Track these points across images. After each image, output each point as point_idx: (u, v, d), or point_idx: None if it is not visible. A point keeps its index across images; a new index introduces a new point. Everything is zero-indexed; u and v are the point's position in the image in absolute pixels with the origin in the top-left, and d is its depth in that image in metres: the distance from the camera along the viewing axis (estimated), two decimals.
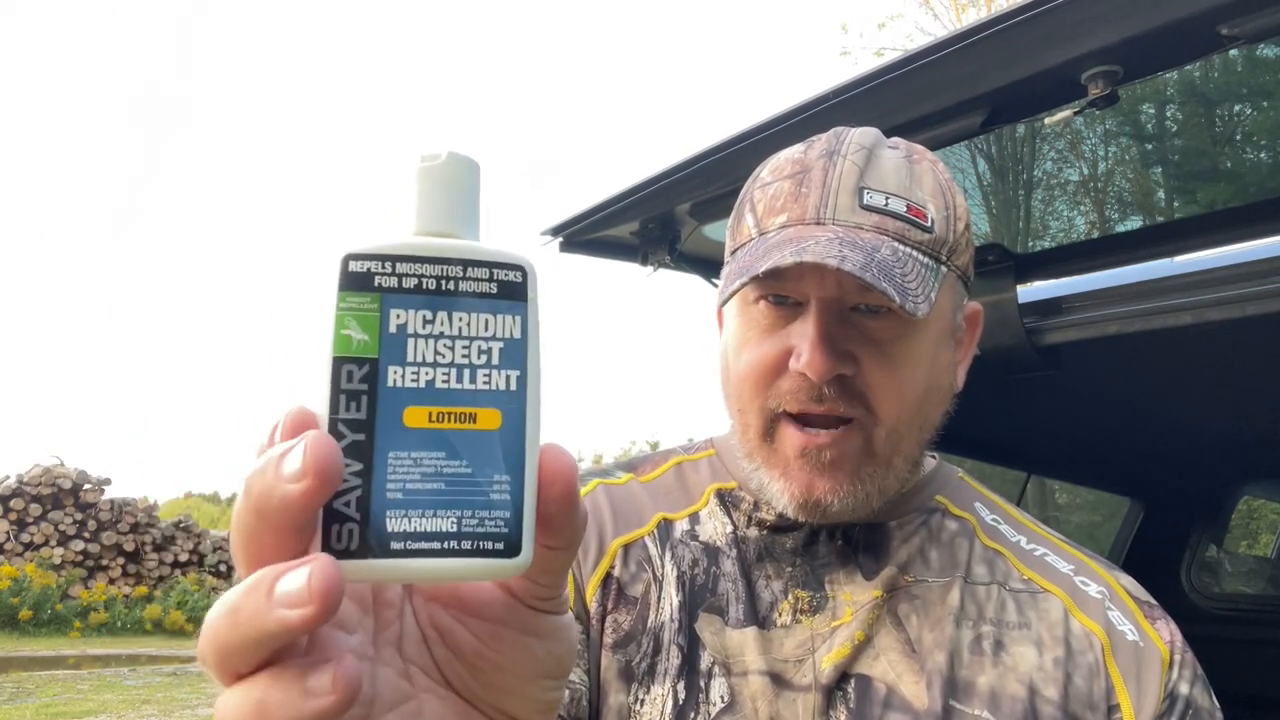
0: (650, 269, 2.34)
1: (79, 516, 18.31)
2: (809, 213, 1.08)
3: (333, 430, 0.47)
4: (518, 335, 0.51)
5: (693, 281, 2.43)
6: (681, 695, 1.08)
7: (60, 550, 18.06)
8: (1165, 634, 1.14)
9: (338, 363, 0.48)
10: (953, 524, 1.21)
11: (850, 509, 1.10)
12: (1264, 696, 3.28)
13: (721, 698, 1.08)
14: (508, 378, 0.50)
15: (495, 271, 0.51)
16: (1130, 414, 3.00)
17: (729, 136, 1.80)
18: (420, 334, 0.50)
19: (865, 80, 1.58)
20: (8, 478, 18.15)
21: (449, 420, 0.49)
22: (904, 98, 1.61)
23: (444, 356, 0.50)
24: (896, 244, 1.06)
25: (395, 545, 0.47)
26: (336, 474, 0.46)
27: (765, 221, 1.11)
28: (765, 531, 1.18)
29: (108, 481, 18.79)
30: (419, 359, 0.49)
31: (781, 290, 1.09)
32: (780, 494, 1.11)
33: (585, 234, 2.25)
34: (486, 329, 0.51)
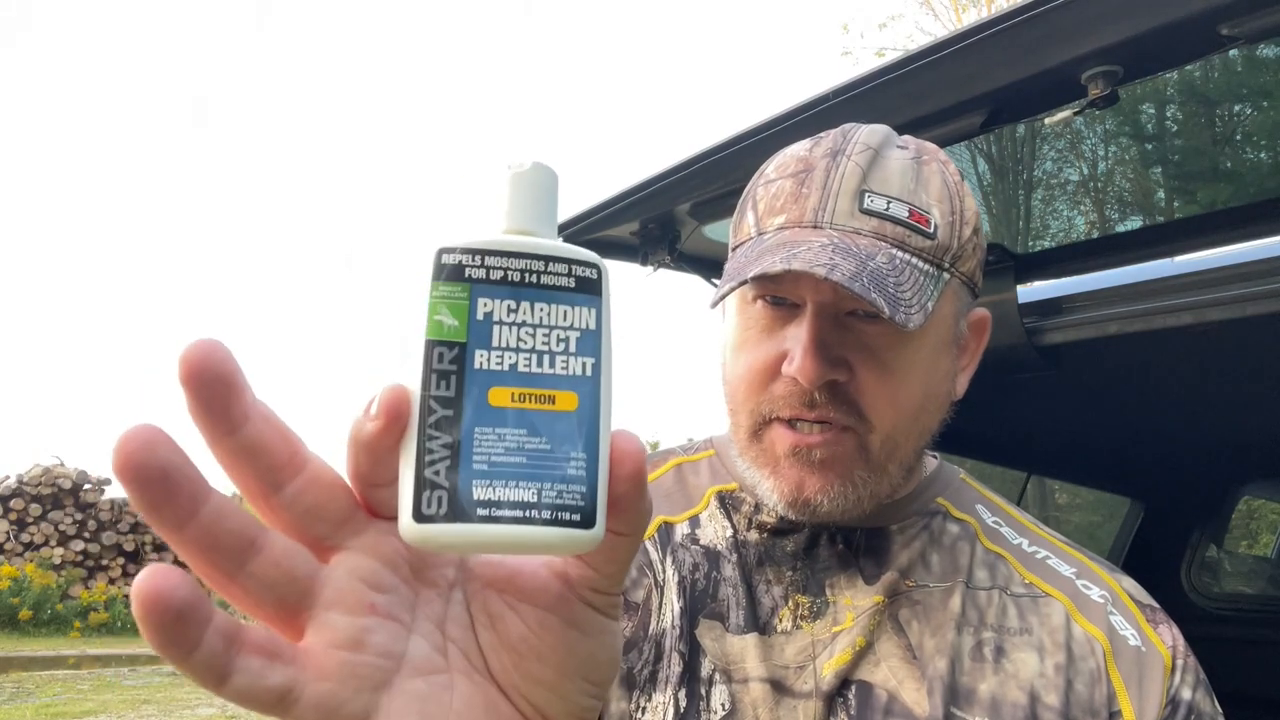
0: (650, 269, 2.34)
1: (79, 516, 18.29)
2: (807, 215, 1.07)
3: (424, 406, 0.52)
4: (593, 326, 0.55)
5: (693, 281, 2.43)
6: (683, 703, 1.08)
7: (60, 550, 18.04)
8: (1167, 638, 1.13)
9: (430, 345, 0.52)
10: (954, 527, 1.21)
11: (841, 510, 1.09)
12: (1264, 697, 3.28)
13: (722, 705, 1.08)
14: (584, 364, 0.55)
15: (573, 267, 0.56)
16: (1130, 414, 3.00)
17: (729, 136, 1.80)
18: (505, 321, 0.54)
19: (866, 80, 1.58)
20: (8, 478, 18.14)
21: (530, 401, 0.53)
22: (904, 98, 1.61)
23: (526, 343, 0.54)
24: (894, 250, 1.05)
25: (481, 512, 0.51)
26: (403, 415, 0.51)
27: (764, 221, 1.10)
28: (765, 535, 1.18)
29: (108, 481, 18.76)
30: (503, 344, 0.54)
31: (778, 292, 1.09)
32: (770, 492, 1.10)
33: (585, 234, 2.25)
34: (565, 319, 0.55)
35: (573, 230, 2.23)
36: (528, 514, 0.51)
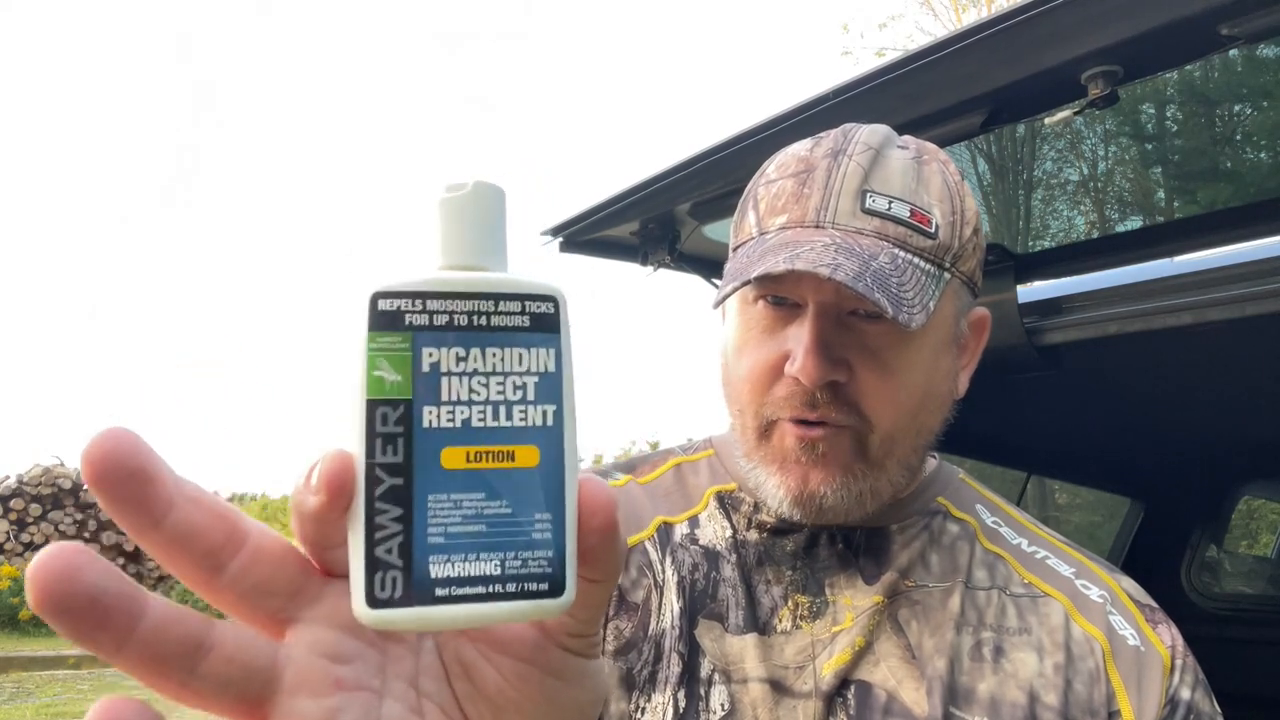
0: (650, 269, 2.34)
1: (79, 516, 18.28)
2: (809, 215, 1.07)
3: (370, 475, 0.46)
4: (552, 368, 0.50)
5: (693, 281, 2.43)
6: (682, 703, 1.08)
7: None
8: (1167, 638, 1.13)
9: (371, 405, 0.47)
10: (954, 527, 1.20)
11: (844, 506, 1.09)
12: (1264, 696, 3.28)
13: (722, 705, 1.07)
14: (544, 413, 0.49)
15: (527, 304, 0.50)
16: (1130, 414, 3.00)
17: (729, 136, 1.80)
18: (454, 372, 0.48)
19: (866, 80, 1.58)
20: (8, 478, 18.13)
21: (487, 460, 0.48)
22: (904, 98, 1.61)
23: (479, 394, 0.48)
24: (896, 250, 1.05)
25: (440, 592, 0.47)
26: (346, 486, 0.46)
27: (766, 221, 1.10)
28: (765, 534, 1.18)
29: None
30: (454, 398, 0.48)
31: (780, 292, 1.09)
32: (776, 489, 1.10)
33: (585, 234, 2.25)
34: (521, 363, 0.49)
35: (573, 230, 2.23)
36: (491, 589, 0.47)
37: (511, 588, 0.47)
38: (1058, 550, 1.22)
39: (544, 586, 0.48)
